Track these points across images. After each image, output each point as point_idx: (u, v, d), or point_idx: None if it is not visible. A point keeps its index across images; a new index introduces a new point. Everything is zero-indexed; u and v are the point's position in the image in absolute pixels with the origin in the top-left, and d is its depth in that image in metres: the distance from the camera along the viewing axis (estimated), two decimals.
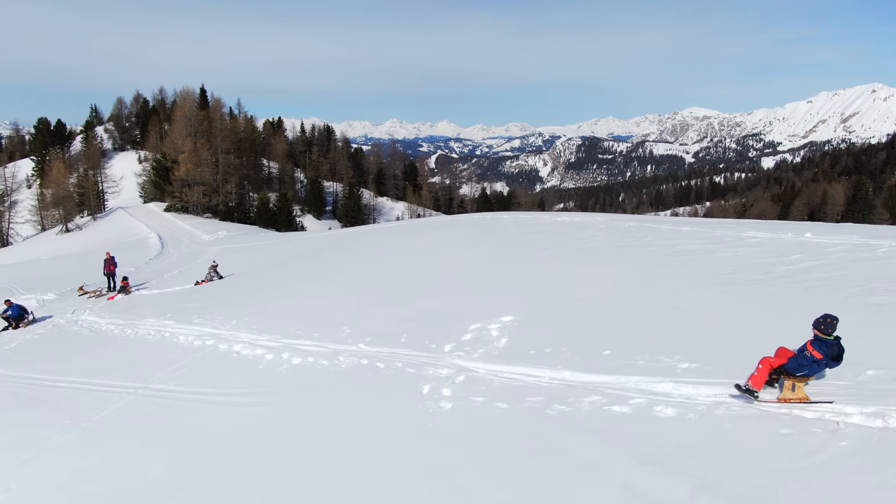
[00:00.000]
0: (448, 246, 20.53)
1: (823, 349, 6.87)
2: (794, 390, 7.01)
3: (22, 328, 20.75)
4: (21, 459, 10.22)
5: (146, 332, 16.23)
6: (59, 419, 11.54)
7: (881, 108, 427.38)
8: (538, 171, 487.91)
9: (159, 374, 12.87)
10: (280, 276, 21.37)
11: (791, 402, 6.94)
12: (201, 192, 64.29)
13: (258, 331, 14.05)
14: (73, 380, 13.61)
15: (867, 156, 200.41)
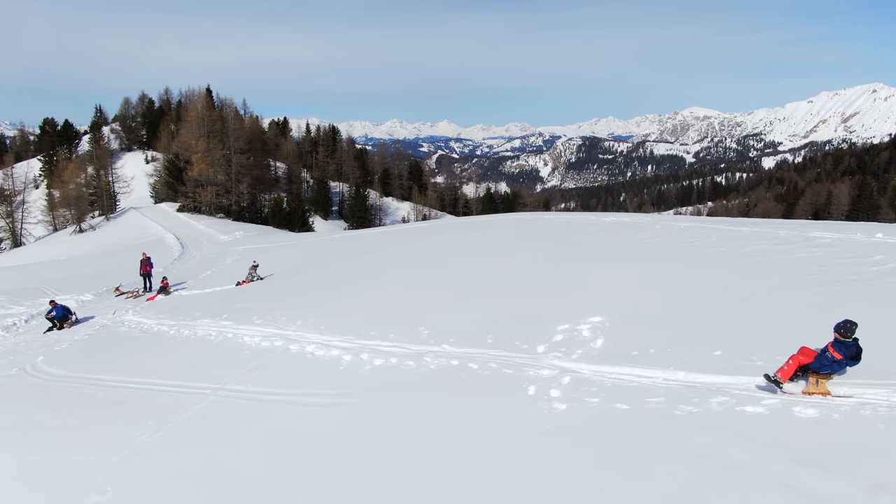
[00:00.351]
0: (497, 246, 20.44)
1: (843, 350, 7.62)
2: (818, 385, 7.78)
3: (66, 328, 20.69)
4: (112, 461, 10.12)
5: (206, 332, 16.15)
6: (141, 420, 11.46)
7: (882, 107, 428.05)
8: (538, 172, 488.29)
9: (233, 375, 12.79)
10: (329, 276, 21.28)
11: (814, 395, 7.69)
12: (214, 192, 64.22)
13: (328, 332, 13.96)
14: (143, 381, 13.53)
15: (870, 156, 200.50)
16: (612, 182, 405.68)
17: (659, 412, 7.81)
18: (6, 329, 20.96)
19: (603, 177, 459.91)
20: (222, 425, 10.63)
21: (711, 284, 12.51)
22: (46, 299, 25.91)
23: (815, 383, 7.79)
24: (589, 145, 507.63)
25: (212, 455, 9.63)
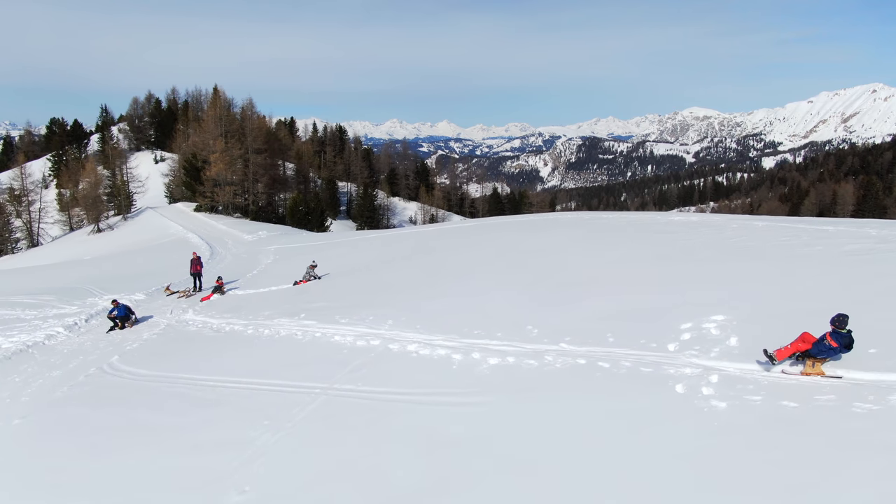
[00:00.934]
0: (575, 245, 20.28)
1: (838, 339, 8.95)
2: (814, 367, 9.19)
3: (128, 328, 20.60)
4: (239, 461, 10.02)
5: (290, 332, 16.06)
6: (255, 419, 11.37)
7: (882, 108, 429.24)
8: (538, 172, 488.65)
9: (338, 374, 12.72)
10: (401, 276, 21.11)
11: (811, 376, 9.14)
12: (232, 192, 64.10)
13: (426, 331, 13.90)
14: (240, 380, 13.45)
15: (873, 156, 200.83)
16: (613, 182, 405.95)
17: (834, 410, 7.76)
18: (68, 328, 20.86)
19: (603, 177, 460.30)
20: (348, 424, 10.54)
21: (829, 282, 12.48)
22: (95, 299, 25.89)
23: (812, 365, 9.19)
24: (589, 145, 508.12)
25: (347, 455, 9.54)
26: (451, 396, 10.77)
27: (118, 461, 10.74)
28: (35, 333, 20.31)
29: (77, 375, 16.39)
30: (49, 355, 18.67)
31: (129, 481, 9.94)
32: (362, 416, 10.82)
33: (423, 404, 10.73)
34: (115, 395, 14.39)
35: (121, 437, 11.77)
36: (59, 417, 13.63)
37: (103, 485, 9.97)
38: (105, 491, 9.79)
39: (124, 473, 10.20)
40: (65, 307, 24.50)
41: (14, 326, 21.83)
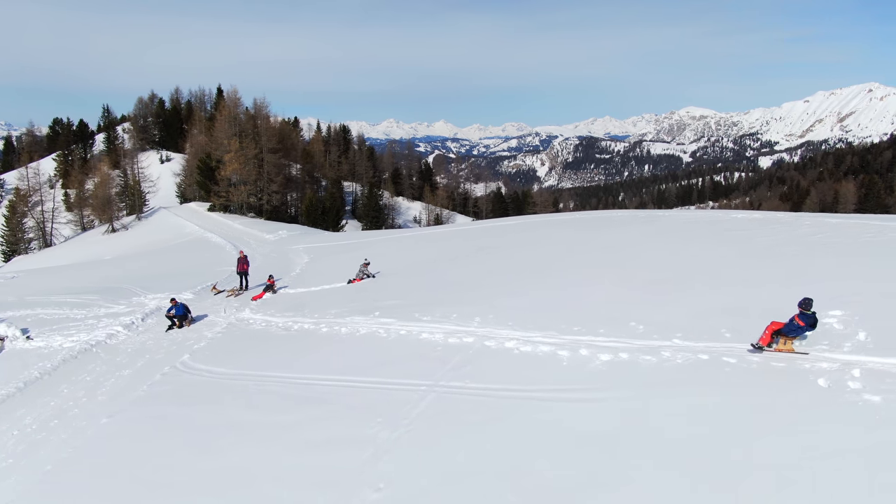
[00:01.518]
0: (649, 242, 20.06)
1: (805, 319, 10.51)
2: (785, 344, 10.65)
3: (186, 327, 20.49)
4: (363, 458, 9.91)
5: (370, 330, 15.96)
6: (365, 417, 11.27)
7: (877, 107, 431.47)
8: (536, 171, 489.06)
9: (438, 371, 12.65)
10: (469, 273, 20.94)
11: (783, 352, 10.56)
12: (247, 191, 63.89)
13: (520, 328, 13.83)
14: (335, 378, 13.35)
15: (872, 155, 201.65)
16: (610, 182, 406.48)
17: None
18: (127, 327, 20.72)
19: (600, 176, 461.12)
20: (469, 421, 10.45)
21: None
22: (141, 298, 25.72)
23: (783, 343, 10.65)
24: (586, 145, 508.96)
25: (479, 451, 9.45)
26: (572, 392, 10.71)
27: (232, 459, 10.65)
28: (94, 333, 20.17)
29: (151, 374, 16.30)
30: (114, 354, 18.55)
31: (252, 479, 9.85)
32: (480, 412, 10.74)
33: (545, 400, 10.66)
34: (199, 393, 14.29)
35: (224, 436, 11.67)
36: (148, 416, 13.54)
37: (225, 483, 9.88)
38: (229, 488, 9.70)
39: (244, 471, 10.11)
40: (112, 306, 24.34)
41: (68, 326, 21.68)
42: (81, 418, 14.25)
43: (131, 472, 10.99)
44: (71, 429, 13.77)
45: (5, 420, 14.67)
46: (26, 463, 12.48)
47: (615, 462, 8.40)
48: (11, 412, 15.05)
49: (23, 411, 15.05)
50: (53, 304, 25.31)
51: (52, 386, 16.49)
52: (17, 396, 15.93)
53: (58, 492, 10.88)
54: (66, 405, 15.18)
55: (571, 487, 8.10)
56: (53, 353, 18.75)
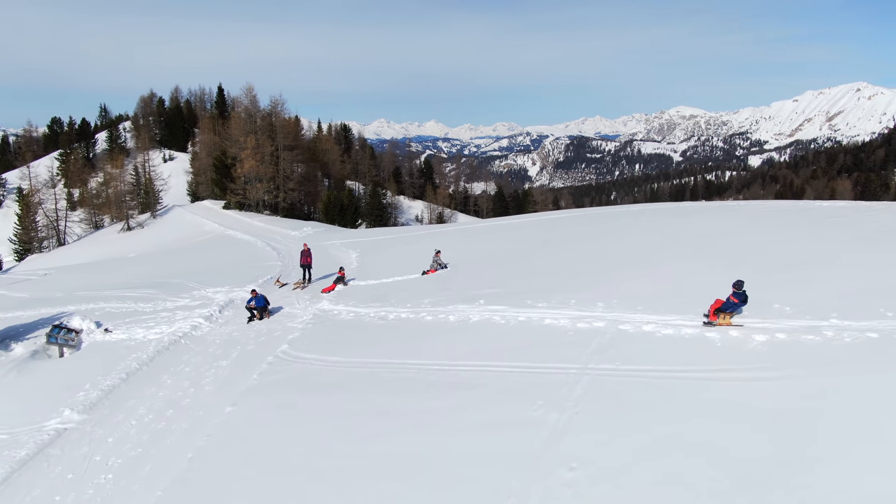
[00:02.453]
0: (749, 230, 19.74)
1: (738, 297, 12.65)
2: (725, 318, 12.69)
3: (266, 319, 20.33)
4: (541, 439, 9.80)
5: (482, 317, 15.86)
6: (523, 400, 11.17)
7: (866, 106, 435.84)
8: (527, 171, 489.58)
9: (582, 355, 12.58)
10: (562, 262, 20.94)
11: (723, 325, 12.60)
12: (263, 189, 63.51)
13: (652, 311, 13.80)
14: (472, 363, 13.25)
15: (866, 153, 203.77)
16: (601, 181, 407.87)
17: None
18: (207, 319, 20.52)
19: (591, 176, 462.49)
20: (637, 401, 10.37)
21: None
22: (201, 291, 25.49)
23: (723, 317, 12.73)
24: (577, 144, 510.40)
25: (663, 430, 9.39)
26: (740, 372, 10.69)
27: (396, 444, 10.50)
28: (176, 325, 19.97)
29: (253, 364, 16.15)
30: (204, 345, 18.37)
31: (429, 462, 9.72)
32: (646, 393, 10.70)
33: (713, 380, 10.63)
34: (323, 381, 14.11)
35: (377, 422, 11.48)
36: (275, 404, 13.36)
37: (402, 467, 9.72)
38: (411, 471, 9.54)
39: (418, 455, 9.97)
40: (177, 300, 24.13)
41: (142, 319, 21.48)
42: (197, 408, 14.09)
43: (287, 458, 10.84)
44: (190, 418, 13.61)
45: (119, 410, 14.49)
46: (157, 452, 12.31)
47: (818, 440, 8.32)
48: (122, 402, 14.87)
49: (133, 401, 14.88)
50: (115, 299, 25.08)
51: (153, 376, 16.31)
52: (122, 387, 15.73)
53: (214, 478, 10.68)
54: (174, 395, 15.01)
55: (783, 462, 8.04)
56: (142, 345, 18.54)
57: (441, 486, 8.99)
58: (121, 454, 12.50)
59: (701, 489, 7.76)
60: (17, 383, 16.86)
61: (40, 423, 14.08)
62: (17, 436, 13.63)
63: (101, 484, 11.49)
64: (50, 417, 14.24)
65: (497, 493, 8.60)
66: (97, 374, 16.45)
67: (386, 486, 9.36)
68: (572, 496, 8.40)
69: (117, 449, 12.73)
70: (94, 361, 17.69)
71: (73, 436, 13.50)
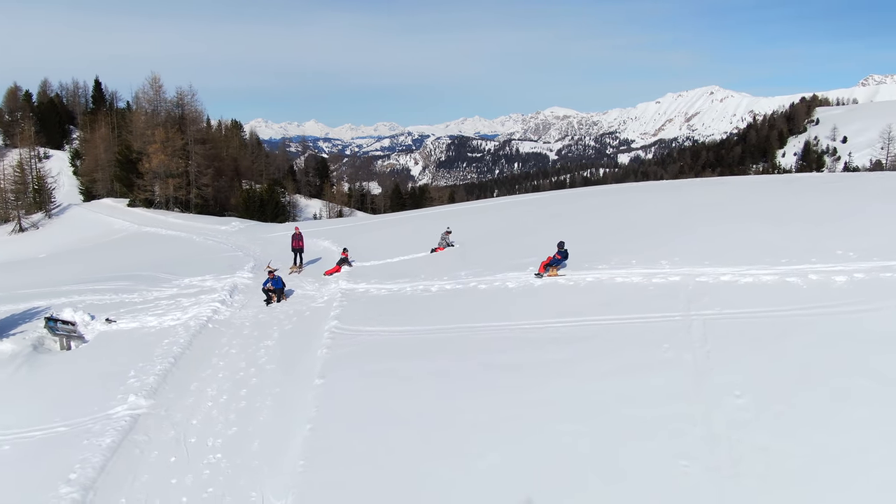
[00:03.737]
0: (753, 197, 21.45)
1: (561, 254, 16.55)
2: (551, 272, 16.47)
3: (283, 301, 19.61)
4: (693, 378, 10.26)
5: (544, 281, 16.26)
6: (647, 345, 11.68)
7: (718, 108, 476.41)
8: (410, 170, 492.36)
9: (677, 305, 13.28)
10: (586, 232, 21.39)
11: (551, 276, 16.28)
12: (174, 185, 60.00)
13: (721, 264, 14.67)
14: (566, 320, 13.57)
15: (725, 150, 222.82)
16: (483, 179, 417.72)
17: None
18: (223, 303, 19.43)
19: (472, 174, 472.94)
20: (766, 337, 11.11)
21: None
22: (182, 281, 23.93)
23: (551, 270, 16.48)
24: (458, 144, 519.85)
25: (805, 359, 10.22)
26: (840, 307, 11.79)
27: (547, 393, 10.54)
28: (191, 311, 18.77)
29: (306, 340, 15.73)
30: (236, 328, 17.50)
31: (594, 404, 9.96)
32: (768, 329, 11.47)
33: (821, 315, 11.63)
34: (410, 348, 13.82)
35: (508, 376, 11.41)
36: (366, 373, 12.96)
37: (568, 411, 9.89)
38: (582, 414, 9.71)
39: (576, 399, 10.17)
40: (161, 290, 22.57)
41: (137, 308, 19.97)
42: (272, 385, 13.55)
43: (428, 416, 10.65)
44: (270, 395, 13.11)
45: (185, 394, 13.58)
46: (256, 429, 11.79)
47: None
48: (183, 386, 13.92)
49: (196, 384, 14.00)
50: (89, 292, 23.00)
51: (202, 359, 15.36)
52: (175, 372, 14.67)
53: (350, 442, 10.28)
54: (236, 376, 14.29)
55: None
56: (166, 331, 17.31)
57: (621, 424, 9.24)
58: (216, 434, 11.77)
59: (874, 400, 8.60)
60: (40, 377, 15.21)
61: (103, 411, 12.90)
62: (81, 426, 12.40)
63: (213, 463, 10.80)
64: (112, 405, 13.06)
65: (681, 422, 8.99)
66: (137, 361, 15.22)
67: (569, 427, 9.45)
68: (753, 416, 8.98)
69: (208, 430, 11.96)
70: (120, 349, 16.33)
71: (149, 421, 12.47)
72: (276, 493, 9.96)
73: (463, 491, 8.35)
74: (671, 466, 8.12)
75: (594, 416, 9.69)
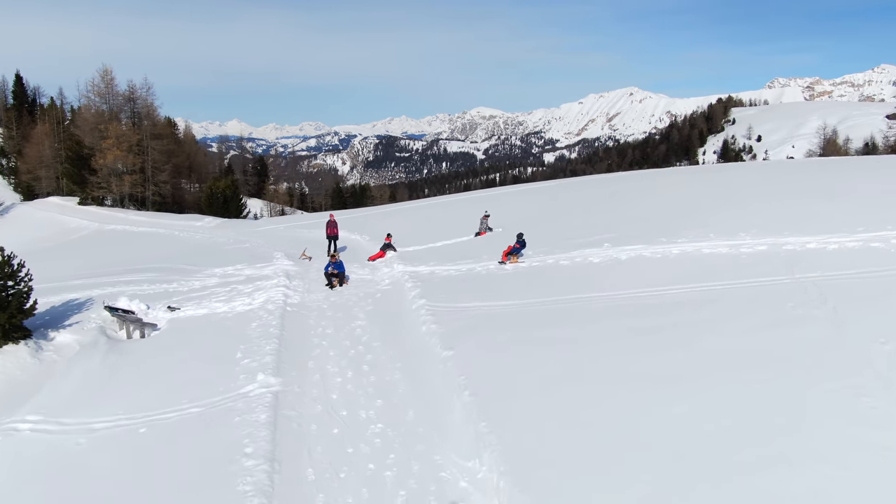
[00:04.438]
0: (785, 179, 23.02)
1: (520, 244, 19.07)
2: (512, 259, 18.70)
3: (345, 285, 19.56)
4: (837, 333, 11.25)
5: (629, 256, 16.93)
6: (773, 306, 12.55)
7: (638, 108, 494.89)
8: (338, 170, 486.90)
9: (780, 270, 14.30)
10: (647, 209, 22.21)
11: (513, 263, 18.39)
12: (130, 182, 57.47)
13: (802, 234, 15.82)
14: (676, 287, 14.33)
15: (651, 148, 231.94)
16: (411, 179, 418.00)
17: None
18: (287, 288, 19.15)
19: (401, 174, 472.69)
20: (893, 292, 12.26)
21: None
22: (217, 270, 23.25)
23: (513, 258, 18.61)
24: (385, 144, 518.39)
25: None
26: None
27: (693, 352, 11.25)
28: (258, 296, 18.44)
29: (400, 320, 15.99)
30: (317, 311, 17.43)
31: (753, 357, 10.71)
32: (877, 288, 12.63)
33: None
34: (526, 319, 14.13)
35: (650, 338, 11.99)
36: (499, 342, 13.11)
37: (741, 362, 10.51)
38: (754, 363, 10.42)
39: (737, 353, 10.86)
40: (197, 280, 21.92)
41: (189, 298, 19.38)
42: (392, 360, 13.78)
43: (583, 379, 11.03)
44: (395, 369, 13.39)
45: (307, 372, 13.51)
46: (402, 401, 12.03)
47: None
48: (301, 365, 13.81)
49: (312, 363, 13.96)
50: (122, 283, 22.01)
51: (302, 339, 15.28)
52: (284, 352, 14.44)
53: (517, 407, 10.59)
54: (348, 353, 14.41)
55: None
56: (247, 316, 17.01)
57: (791, 370, 9.92)
58: (363, 407, 11.89)
59: None
60: (134, 363, 14.66)
61: (235, 390, 12.66)
62: (219, 405, 12.17)
63: (378, 433, 10.93)
64: (241, 385, 12.83)
65: (846, 367, 9.76)
66: (236, 343, 14.95)
67: (748, 376, 10.06)
68: None
69: (352, 404, 12.04)
70: (207, 333, 15.99)
71: (288, 398, 12.36)
72: (461, 454, 10.23)
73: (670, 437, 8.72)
74: (856, 405, 8.77)
75: (763, 366, 10.35)
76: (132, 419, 12.05)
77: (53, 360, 15.84)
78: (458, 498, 9.33)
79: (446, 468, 9.93)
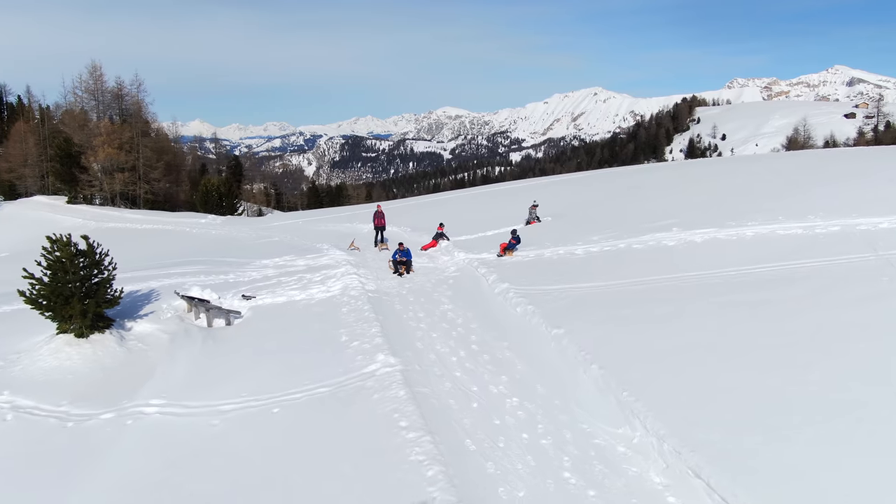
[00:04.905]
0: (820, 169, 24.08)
1: (515, 239, 20.25)
2: (507, 254, 19.83)
3: (411, 272, 19.81)
4: None
5: (703, 238, 17.60)
6: (867, 281, 13.45)
7: (602, 108, 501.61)
8: (304, 171, 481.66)
9: (860, 248, 15.12)
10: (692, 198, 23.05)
11: (510, 257, 19.47)
12: (122, 180, 56.44)
13: (868, 215, 16.72)
14: (765, 265, 15.18)
15: (619, 147, 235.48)
16: (378, 179, 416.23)
17: None
18: (360, 276, 19.30)
19: (367, 174, 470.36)
20: None
21: None
22: (268, 261, 23.19)
23: (507, 253, 19.65)
24: (352, 144, 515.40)
25: None
26: None
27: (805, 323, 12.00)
28: (330, 284, 18.58)
29: (485, 303, 16.51)
30: (398, 297, 17.64)
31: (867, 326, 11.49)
32: None
33: None
34: (628, 298, 14.69)
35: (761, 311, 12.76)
36: (608, 319, 13.79)
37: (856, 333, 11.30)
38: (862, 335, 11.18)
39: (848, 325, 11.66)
40: (248, 272, 21.87)
41: (254, 287, 19.35)
42: (498, 340, 14.29)
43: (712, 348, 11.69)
44: (505, 349, 13.82)
45: (419, 353, 13.73)
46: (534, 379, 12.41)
47: None
48: (410, 346, 14.06)
49: (419, 344, 14.26)
50: (175, 275, 21.82)
51: (400, 323, 15.52)
52: (390, 336, 14.61)
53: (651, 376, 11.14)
54: (451, 334, 14.87)
55: None
56: (328, 303, 17.21)
57: None
58: (490, 383, 12.27)
59: None
60: (234, 349, 14.69)
61: (358, 371, 12.87)
62: (346, 385, 12.37)
63: (516, 406, 11.37)
64: (363, 365, 13.03)
65: None
66: (333, 328, 15.17)
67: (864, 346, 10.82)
68: None
69: (477, 380, 12.42)
70: (297, 319, 16.15)
71: (414, 376, 12.62)
72: (608, 422, 10.73)
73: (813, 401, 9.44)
74: None
75: (879, 335, 11.10)
76: (259, 400, 12.16)
77: (141, 349, 15.79)
78: (620, 461, 9.82)
79: (598, 436, 10.41)
